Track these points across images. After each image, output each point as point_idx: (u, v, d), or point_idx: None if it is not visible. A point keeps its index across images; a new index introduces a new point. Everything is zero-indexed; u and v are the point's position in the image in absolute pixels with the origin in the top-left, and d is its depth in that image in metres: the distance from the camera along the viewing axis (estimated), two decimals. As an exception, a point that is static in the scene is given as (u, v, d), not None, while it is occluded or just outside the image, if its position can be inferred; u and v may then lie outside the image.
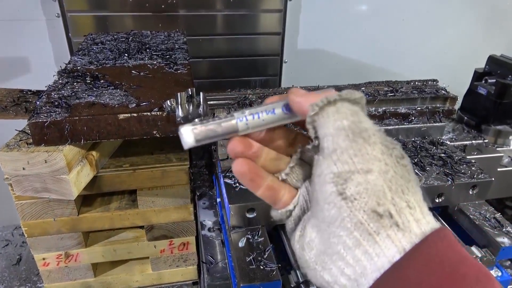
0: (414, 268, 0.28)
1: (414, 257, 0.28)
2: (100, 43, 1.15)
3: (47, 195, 0.82)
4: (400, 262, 0.28)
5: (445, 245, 0.29)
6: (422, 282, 0.27)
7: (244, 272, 0.65)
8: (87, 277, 1.03)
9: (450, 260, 0.28)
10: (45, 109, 0.79)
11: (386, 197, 0.30)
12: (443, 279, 0.27)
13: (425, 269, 0.27)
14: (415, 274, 0.27)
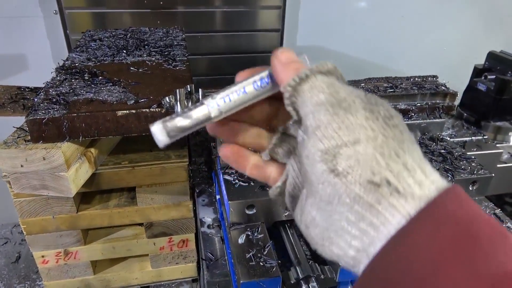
0: (421, 233, 0.26)
1: (420, 221, 0.27)
2: (98, 40, 1.14)
3: (46, 192, 0.82)
4: (406, 227, 0.27)
5: (455, 204, 0.27)
6: (431, 246, 0.26)
7: (244, 268, 0.65)
8: (87, 274, 1.03)
9: (460, 220, 0.26)
10: (43, 106, 0.78)
11: (380, 164, 0.28)
12: (453, 241, 0.26)
13: (434, 232, 0.26)
14: (423, 238, 0.26)
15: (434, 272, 0.25)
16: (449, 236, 0.26)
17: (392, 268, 0.27)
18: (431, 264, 0.25)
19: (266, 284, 0.64)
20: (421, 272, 0.25)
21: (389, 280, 0.27)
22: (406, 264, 0.26)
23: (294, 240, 0.75)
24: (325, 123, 0.30)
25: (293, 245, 0.74)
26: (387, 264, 0.27)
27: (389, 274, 0.27)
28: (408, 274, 0.26)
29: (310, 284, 0.65)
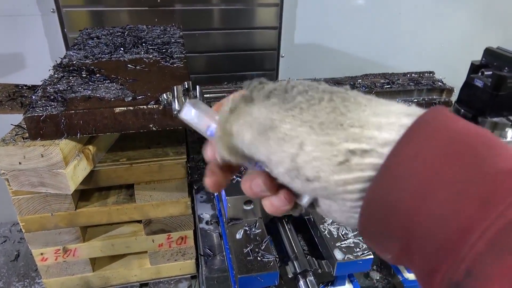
0: (402, 163, 0.25)
1: (400, 152, 0.26)
2: (96, 38, 1.14)
3: (44, 189, 0.82)
4: (387, 161, 0.26)
5: (442, 119, 0.26)
6: (414, 175, 0.25)
7: (241, 263, 0.65)
8: (86, 272, 1.03)
9: (452, 131, 0.25)
10: (41, 103, 0.78)
11: (333, 143, 0.28)
12: (447, 149, 0.25)
13: (415, 159, 0.25)
14: (405, 168, 0.25)
15: (423, 200, 0.25)
16: (436, 153, 0.25)
17: (383, 201, 0.26)
18: (421, 189, 0.25)
19: (264, 279, 0.64)
20: (409, 202, 0.25)
21: (384, 212, 0.27)
22: (395, 196, 0.26)
23: (292, 235, 0.76)
24: (269, 152, 0.30)
25: (291, 240, 0.75)
26: (378, 198, 0.27)
27: (383, 206, 0.27)
28: (399, 204, 0.26)
29: (307, 279, 0.65)
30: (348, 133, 0.28)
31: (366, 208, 0.28)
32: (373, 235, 0.29)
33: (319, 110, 0.29)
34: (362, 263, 0.68)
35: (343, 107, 0.29)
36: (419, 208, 0.25)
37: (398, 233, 0.27)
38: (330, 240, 0.71)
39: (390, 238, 0.28)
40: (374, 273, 1.04)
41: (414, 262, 0.27)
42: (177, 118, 0.83)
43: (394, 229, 0.27)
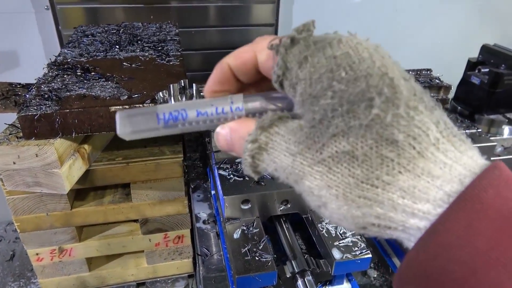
0: (453, 231, 0.23)
1: (451, 218, 0.24)
2: (91, 35, 1.13)
3: (39, 189, 0.81)
4: (434, 227, 0.24)
5: (491, 194, 0.23)
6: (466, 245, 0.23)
7: (239, 263, 0.65)
8: (82, 271, 1.03)
9: (499, 214, 0.23)
10: (35, 102, 0.77)
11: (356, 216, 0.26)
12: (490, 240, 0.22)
13: (468, 229, 0.23)
14: (456, 237, 0.23)
15: (473, 274, 0.22)
16: (486, 233, 0.22)
17: (428, 266, 0.24)
18: (469, 264, 0.22)
19: (262, 279, 0.64)
20: (458, 273, 0.23)
21: (426, 279, 0.24)
22: (440, 264, 0.24)
23: (290, 235, 0.75)
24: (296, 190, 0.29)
25: (289, 240, 0.74)
26: (420, 264, 0.25)
27: (425, 273, 0.24)
28: (443, 274, 0.23)
29: (305, 278, 0.65)
30: (373, 211, 0.25)
31: (407, 268, 0.26)
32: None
33: (349, 176, 0.26)
34: (361, 262, 0.68)
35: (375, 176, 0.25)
36: (468, 280, 0.22)
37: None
38: (328, 239, 0.71)
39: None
40: (372, 271, 1.05)
41: None
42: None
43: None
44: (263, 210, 0.74)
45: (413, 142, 0.25)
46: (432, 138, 0.25)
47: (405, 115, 0.25)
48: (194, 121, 0.31)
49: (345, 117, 0.26)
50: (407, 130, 0.25)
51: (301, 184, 0.28)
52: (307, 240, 0.81)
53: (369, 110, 0.25)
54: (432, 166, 0.25)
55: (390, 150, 0.25)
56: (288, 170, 0.28)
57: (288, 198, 0.74)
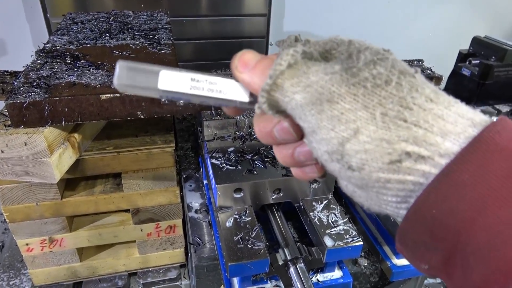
0: (466, 170, 0.24)
1: (466, 158, 0.24)
2: (80, 23, 1.11)
3: (29, 178, 0.80)
4: (448, 167, 0.24)
5: (504, 138, 0.24)
6: (478, 183, 0.23)
7: (232, 251, 0.65)
8: (73, 262, 1.02)
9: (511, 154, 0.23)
10: (23, 89, 0.76)
11: (391, 141, 0.25)
12: (502, 178, 0.23)
13: (481, 169, 0.23)
14: (469, 176, 0.23)
15: (483, 211, 0.23)
16: (498, 171, 0.23)
17: (436, 208, 0.24)
18: (480, 203, 0.23)
19: (254, 266, 0.64)
20: (467, 212, 0.23)
21: (433, 221, 0.25)
22: (451, 204, 0.24)
23: (282, 223, 0.76)
24: (316, 125, 0.27)
25: (281, 228, 0.75)
26: (430, 205, 0.25)
27: (433, 214, 0.25)
28: (453, 213, 0.24)
29: (297, 265, 0.65)
30: (410, 133, 0.25)
31: (414, 213, 0.26)
32: (413, 243, 0.27)
33: (385, 97, 0.26)
34: (352, 250, 0.68)
35: (410, 98, 0.26)
36: (477, 220, 0.23)
37: (445, 244, 0.25)
38: (320, 227, 0.71)
39: (432, 249, 0.26)
40: (362, 260, 1.06)
41: (454, 276, 0.25)
42: (165, 105, 0.81)
43: (441, 239, 0.25)
44: (255, 198, 0.74)
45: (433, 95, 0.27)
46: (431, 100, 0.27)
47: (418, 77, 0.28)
48: (197, 94, 0.31)
49: (372, 52, 0.28)
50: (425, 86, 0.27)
51: (332, 107, 0.27)
52: (299, 229, 0.81)
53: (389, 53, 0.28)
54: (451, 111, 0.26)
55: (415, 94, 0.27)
56: (321, 89, 0.27)
57: (280, 186, 0.74)
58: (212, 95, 0.31)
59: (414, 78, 0.27)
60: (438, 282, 1.14)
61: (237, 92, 0.32)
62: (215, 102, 0.32)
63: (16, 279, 1.11)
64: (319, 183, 0.76)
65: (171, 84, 0.30)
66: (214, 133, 0.86)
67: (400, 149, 0.25)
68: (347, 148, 0.27)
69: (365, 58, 0.28)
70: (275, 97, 0.29)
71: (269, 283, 0.71)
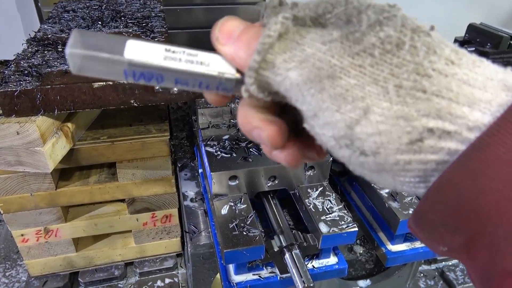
0: (502, 143, 0.20)
1: (500, 131, 0.21)
2: (72, 11, 1.09)
3: (22, 168, 0.80)
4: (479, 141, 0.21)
5: None
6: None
7: (227, 238, 0.65)
8: (69, 252, 1.02)
9: None
10: (14, 78, 0.75)
11: (409, 117, 0.22)
12: None
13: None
14: (505, 150, 0.20)
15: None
16: None
17: (464, 187, 0.22)
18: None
19: (249, 253, 0.64)
20: (503, 191, 0.20)
21: (460, 201, 0.22)
22: (483, 182, 0.21)
23: (277, 210, 0.76)
24: (317, 108, 0.23)
25: (276, 215, 0.75)
26: (456, 184, 0.22)
27: (460, 194, 0.22)
28: (485, 193, 0.21)
29: (293, 252, 0.65)
30: (431, 105, 0.22)
31: (435, 193, 0.23)
32: (431, 224, 0.24)
33: (398, 65, 0.22)
34: (347, 236, 0.69)
35: (428, 63, 0.22)
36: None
37: (470, 226, 0.22)
38: (315, 214, 0.71)
39: (454, 230, 0.23)
40: (358, 247, 1.06)
41: (478, 260, 0.23)
42: (159, 93, 0.81)
43: (466, 221, 0.22)
44: (250, 186, 0.74)
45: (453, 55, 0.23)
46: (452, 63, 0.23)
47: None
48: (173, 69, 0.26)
49: (375, 10, 0.23)
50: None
51: (335, 84, 0.23)
52: (295, 217, 0.81)
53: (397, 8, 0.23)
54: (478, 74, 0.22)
55: (433, 57, 0.22)
56: (319, 63, 0.23)
57: (275, 174, 0.74)
58: (192, 68, 0.26)
59: (430, 37, 0.23)
60: (433, 268, 1.15)
61: (221, 66, 0.27)
62: (194, 79, 0.26)
63: (12, 270, 1.11)
64: (314, 170, 0.76)
65: (140, 54, 0.25)
66: (208, 121, 0.86)
67: (420, 126, 0.22)
68: (357, 131, 0.23)
69: (368, 19, 0.23)
70: (265, 76, 0.25)
71: (265, 270, 0.71)
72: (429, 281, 1.10)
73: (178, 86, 0.26)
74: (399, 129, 0.22)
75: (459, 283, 1.08)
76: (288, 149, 0.30)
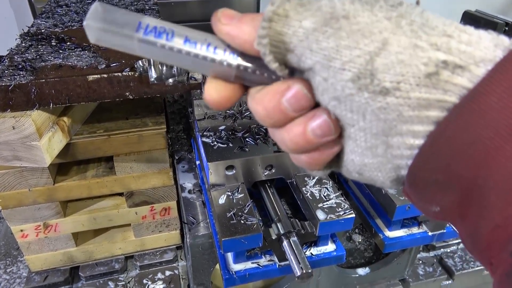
0: (494, 92, 0.21)
1: (490, 82, 0.21)
2: (65, 6, 1.09)
3: (19, 163, 0.80)
4: (472, 93, 0.22)
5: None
6: (506, 107, 0.20)
7: (225, 227, 0.65)
8: (68, 247, 1.02)
9: None
10: (8, 72, 0.75)
11: (425, 49, 0.23)
12: None
13: (508, 92, 0.21)
14: (495, 101, 0.21)
15: (510, 139, 0.20)
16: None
17: (456, 138, 0.22)
18: (508, 128, 0.20)
19: (247, 241, 0.64)
20: (494, 139, 0.21)
21: (452, 153, 0.22)
22: (474, 131, 0.21)
23: (275, 199, 0.76)
24: (335, 48, 0.24)
25: (274, 204, 0.75)
26: (449, 135, 0.22)
27: (452, 145, 0.22)
28: (476, 142, 0.21)
29: (291, 239, 0.66)
30: (442, 41, 0.23)
31: (430, 147, 0.23)
32: (424, 182, 0.24)
33: (405, 12, 0.24)
34: (344, 222, 0.69)
35: (427, 14, 0.24)
36: (502, 148, 0.20)
37: (462, 181, 0.22)
38: (313, 201, 0.72)
39: (446, 187, 0.23)
40: (356, 236, 1.07)
41: (468, 217, 0.23)
42: (154, 85, 0.81)
43: (458, 176, 0.22)
44: (247, 175, 0.74)
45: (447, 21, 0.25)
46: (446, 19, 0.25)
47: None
48: (177, 48, 0.28)
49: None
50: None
51: (351, 22, 0.24)
52: (292, 205, 0.82)
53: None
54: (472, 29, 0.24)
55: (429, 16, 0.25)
56: (332, 9, 0.24)
57: (272, 163, 0.74)
58: (196, 50, 0.28)
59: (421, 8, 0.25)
60: (431, 255, 1.16)
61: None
62: (203, 39, 0.28)
63: (13, 266, 1.11)
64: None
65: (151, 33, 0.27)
66: (204, 112, 0.86)
67: (435, 57, 0.23)
68: (377, 64, 0.23)
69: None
70: (277, 30, 0.25)
71: (263, 258, 0.72)
72: (428, 268, 1.11)
73: (187, 45, 0.28)
74: (417, 59, 0.23)
75: (458, 270, 1.09)
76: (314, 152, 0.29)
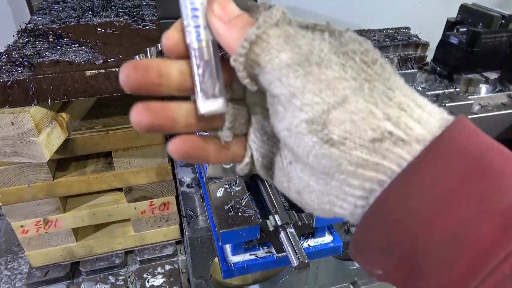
0: (426, 170, 0.23)
1: (426, 159, 0.24)
2: (62, 2, 1.09)
3: (18, 159, 0.80)
4: (410, 167, 0.24)
5: (462, 137, 0.24)
6: (438, 184, 0.23)
7: (223, 219, 0.66)
8: (69, 242, 1.03)
9: (470, 154, 0.23)
10: (6, 68, 0.75)
11: (377, 116, 0.25)
12: (462, 177, 0.23)
13: (440, 169, 0.23)
14: (429, 176, 0.23)
15: (441, 212, 0.23)
16: (457, 171, 0.23)
17: (395, 209, 0.24)
18: (438, 203, 0.23)
19: (245, 233, 0.65)
20: (427, 212, 0.23)
21: (392, 222, 0.24)
22: (410, 204, 0.23)
23: (272, 192, 0.77)
24: (300, 88, 0.25)
25: (271, 197, 0.76)
26: (389, 205, 0.24)
27: (392, 215, 0.24)
28: (412, 214, 0.23)
29: (288, 231, 0.66)
30: (394, 113, 0.25)
31: (372, 214, 0.25)
32: (369, 246, 0.26)
33: (372, 75, 0.26)
34: (341, 214, 0.69)
35: (393, 81, 0.26)
36: (435, 221, 0.23)
37: (402, 248, 0.24)
38: (310, 193, 0.72)
39: (389, 253, 0.25)
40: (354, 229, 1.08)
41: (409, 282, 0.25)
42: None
43: (398, 243, 0.24)
44: (245, 169, 0.75)
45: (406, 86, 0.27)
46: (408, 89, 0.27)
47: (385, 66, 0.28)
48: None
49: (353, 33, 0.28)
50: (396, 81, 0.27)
51: (321, 71, 0.25)
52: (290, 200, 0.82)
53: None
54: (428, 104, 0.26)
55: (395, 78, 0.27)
56: (309, 52, 0.26)
57: (269, 156, 0.75)
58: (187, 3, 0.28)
59: (392, 67, 0.28)
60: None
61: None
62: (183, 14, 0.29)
63: (14, 262, 1.12)
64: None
65: None
66: (202, 107, 0.86)
67: (384, 127, 0.24)
68: (332, 116, 0.25)
69: (350, 36, 0.27)
70: (255, 53, 0.26)
71: (261, 250, 0.73)
72: (426, 260, 1.12)
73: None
74: (368, 124, 0.25)
75: (455, 261, 1.10)
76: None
